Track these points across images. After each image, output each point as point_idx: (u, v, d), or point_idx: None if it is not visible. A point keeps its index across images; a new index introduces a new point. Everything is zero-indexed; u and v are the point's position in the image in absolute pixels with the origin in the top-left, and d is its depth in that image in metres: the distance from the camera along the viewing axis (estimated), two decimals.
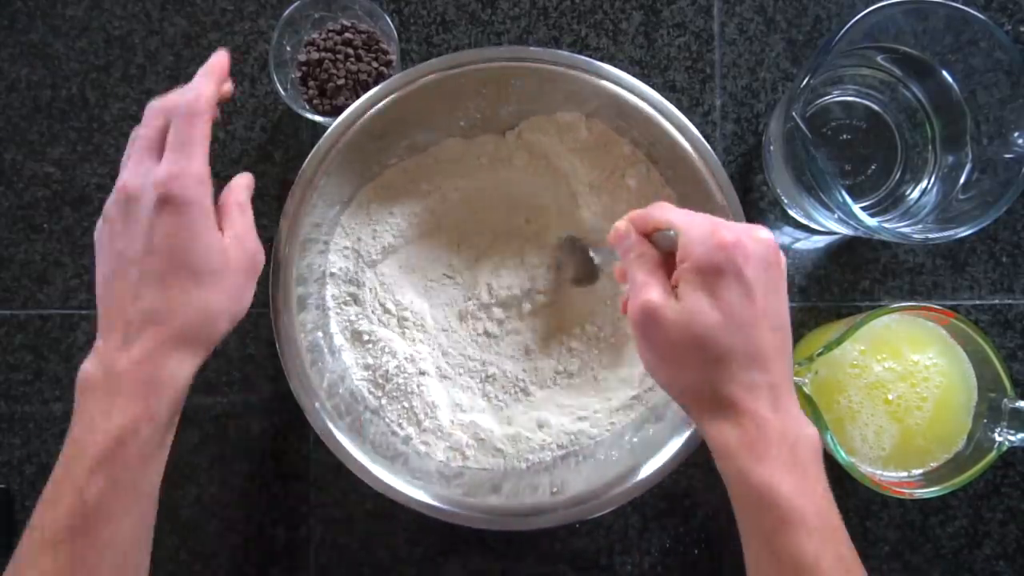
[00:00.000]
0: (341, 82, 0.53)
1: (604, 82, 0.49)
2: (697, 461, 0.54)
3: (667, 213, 0.39)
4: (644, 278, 0.38)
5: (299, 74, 0.54)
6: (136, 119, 0.58)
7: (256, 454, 0.56)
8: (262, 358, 0.56)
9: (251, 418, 0.56)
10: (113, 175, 0.57)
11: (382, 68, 0.54)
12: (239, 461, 0.56)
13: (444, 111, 0.51)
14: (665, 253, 0.39)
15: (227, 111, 0.57)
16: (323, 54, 0.53)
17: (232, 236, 0.41)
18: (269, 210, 0.56)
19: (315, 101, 0.53)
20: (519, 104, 0.51)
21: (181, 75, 0.57)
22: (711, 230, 0.36)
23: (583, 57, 0.49)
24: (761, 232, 0.37)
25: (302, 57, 0.54)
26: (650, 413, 0.51)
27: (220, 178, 0.57)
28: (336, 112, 0.50)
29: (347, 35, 0.54)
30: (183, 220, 0.38)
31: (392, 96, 0.48)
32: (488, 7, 0.57)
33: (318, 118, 0.52)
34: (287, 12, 0.52)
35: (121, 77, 0.57)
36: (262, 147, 0.57)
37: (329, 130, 0.48)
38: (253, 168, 0.57)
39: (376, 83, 0.51)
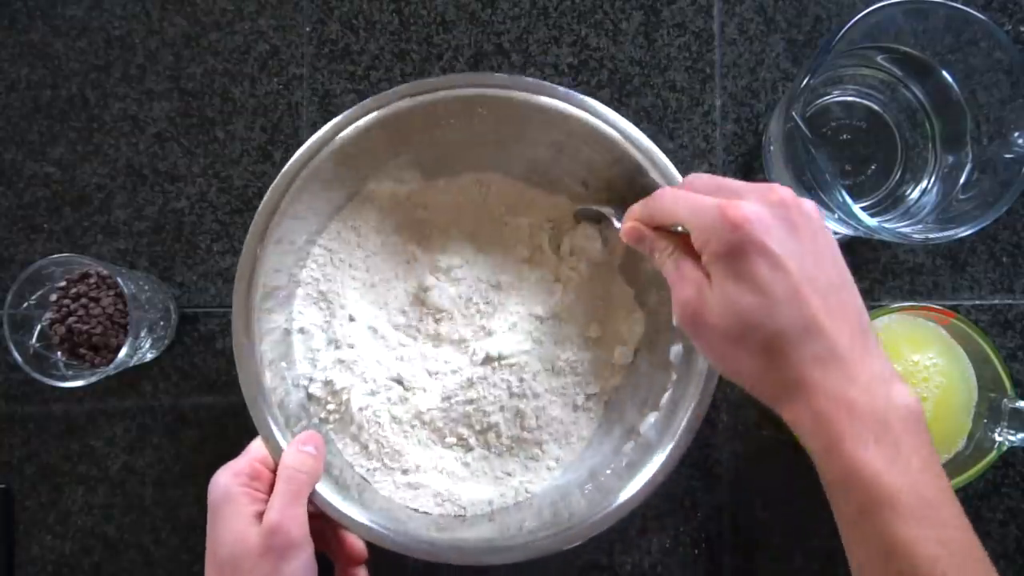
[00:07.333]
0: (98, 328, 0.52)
1: (545, 99, 0.46)
2: (695, 461, 0.54)
3: (669, 208, 0.37)
4: (675, 277, 0.36)
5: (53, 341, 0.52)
6: (136, 119, 0.58)
7: None
8: None
9: (251, 418, 0.56)
10: (113, 175, 0.58)
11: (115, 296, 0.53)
12: None
13: (416, 135, 0.49)
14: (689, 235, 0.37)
15: (227, 111, 0.57)
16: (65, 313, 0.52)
17: (265, 519, 0.41)
18: None
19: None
20: (483, 131, 0.49)
21: (181, 75, 0.57)
22: (719, 213, 0.33)
23: (540, 81, 0.47)
24: (774, 194, 0.34)
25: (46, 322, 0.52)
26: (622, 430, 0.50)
27: (219, 178, 0.57)
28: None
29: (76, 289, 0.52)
30: (212, 519, 0.42)
31: (353, 126, 0.47)
32: (488, 7, 0.57)
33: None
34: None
35: (121, 77, 0.57)
36: (262, 147, 0.57)
37: (292, 158, 0.47)
38: (253, 168, 0.57)
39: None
